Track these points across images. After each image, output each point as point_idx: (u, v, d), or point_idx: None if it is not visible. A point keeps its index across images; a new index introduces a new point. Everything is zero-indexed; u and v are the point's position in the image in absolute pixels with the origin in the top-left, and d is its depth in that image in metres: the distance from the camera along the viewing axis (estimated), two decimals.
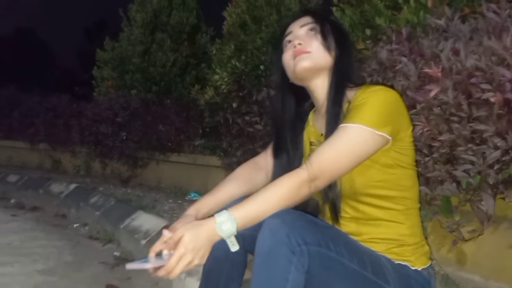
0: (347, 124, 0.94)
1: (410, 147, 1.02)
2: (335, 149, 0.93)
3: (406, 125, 1.01)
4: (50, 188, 3.70)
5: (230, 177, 1.15)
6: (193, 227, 0.86)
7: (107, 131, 3.98)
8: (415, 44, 1.45)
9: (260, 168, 1.17)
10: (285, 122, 1.15)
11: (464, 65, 1.21)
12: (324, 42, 1.06)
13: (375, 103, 0.95)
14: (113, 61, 5.04)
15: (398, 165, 1.00)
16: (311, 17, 1.10)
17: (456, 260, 1.52)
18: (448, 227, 1.42)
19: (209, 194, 1.09)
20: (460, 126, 1.25)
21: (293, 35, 1.09)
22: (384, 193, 1.00)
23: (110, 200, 2.88)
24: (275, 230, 0.84)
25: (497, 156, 1.17)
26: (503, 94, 1.11)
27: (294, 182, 0.90)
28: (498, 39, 1.13)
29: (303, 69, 1.05)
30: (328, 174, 0.92)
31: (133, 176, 4.22)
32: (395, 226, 1.00)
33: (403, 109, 1.01)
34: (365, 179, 0.99)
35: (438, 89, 1.24)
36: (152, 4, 5.21)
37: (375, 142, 0.94)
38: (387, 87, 1.01)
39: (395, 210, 1.01)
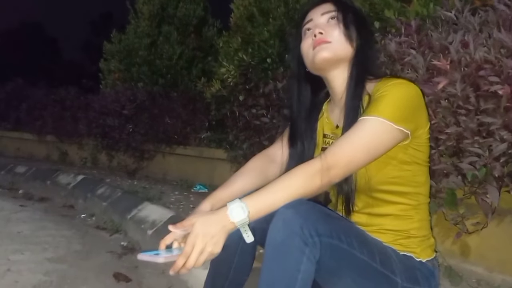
0: (365, 117, 0.93)
1: (426, 144, 1.02)
2: (352, 142, 0.92)
3: (425, 122, 1.00)
4: (58, 179, 3.74)
5: (243, 170, 1.13)
6: (204, 215, 0.88)
7: (113, 124, 4.00)
8: (424, 37, 1.45)
9: (273, 161, 1.16)
10: (300, 112, 1.13)
11: (473, 57, 1.21)
12: (346, 32, 1.02)
13: (396, 97, 0.94)
14: (120, 54, 5.06)
15: (414, 162, 1.00)
16: (333, 4, 1.06)
17: (460, 252, 1.53)
18: (452, 220, 1.43)
19: (222, 187, 1.08)
20: (468, 118, 1.26)
21: (313, 23, 1.06)
22: (399, 189, 1.00)
23: (117, 191, 2.91)
24: (289, 220, 0.84)
25: (503, 149, 1.17)
26: (511, 86, 1.12)
27: (308, 172, 0.89)
28: (508, 32, 1.13)
29: (322, 59, 1.02)
30: (343, 166, 0.91)
31: (139, 168, 4.26)
32: (405, 220, 1.01)
33: (423, 105, 0.99)
34: (381, 175, 0.99)
35: (446, 82, 1.25)
36: None
37: (394, 136, 0.93)
38: (408, 81, 0.99)
39: (408, 205, 1.01)
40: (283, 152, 1.15)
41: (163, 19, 5.17)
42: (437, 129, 1.35)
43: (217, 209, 0.90)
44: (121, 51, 5.08)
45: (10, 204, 3.08)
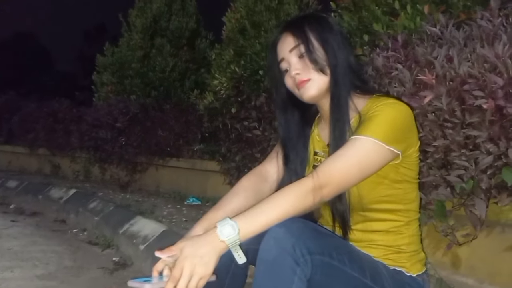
0: (358, 136, 0.94)
1: (416, 162, 1.04)
2: (343, 160, 0.93)
3: (415, 141, 1.02)
4: (50, 193, 3.71)
5: (236, 190, 1.13)
6: (193, 238, 0.87)
7: (106, 136, 4.00)
8: (411, 51, 1.48)
9: (266, 179, 1.16)
10: (290, 132, 1.14)
11: (457, 72, 1.23)
12: (315, 66, 1.03)
13: (388, 118, 0.95)
14: (113, 66, 5.07)
15: (405, 180, 1.02)
16: (292, 36, 1.05)
17: (451, 263, 1.54)
18: (442, 231, 1.44)
19: (214, 209, 1.07)
20: (454, 132, 1.27)
21: (286, 62, 1.06)
22: (390, 207, 1.02)
23: (109, 205, 2.89)
24: (280, 239, 0.84)
25: (489, 161, 1.19)
26: (495, 100, 1.14)
27: (300, 191, 0.90)
28: (491, 47, 1.16)
29: (311, 98, 1.05)
30: (335, 184, 0.92)
31: (132, 181, 4.24)
32: (396, 236, 1.02)
33: (414, 125, 1.01)
34: (373, 194, 1.00)
35: (432, 96, 1.27)
36: (151, 9, 5.25)
37: (385, 156, 0.94)
38: (399, 101, 1.01)
39: (399, 222, 1.03)
40: (278, 170, 1.15)
41: (156, 32, 5.20)
42: (424, 142, 1.36)
43: (206, 232, 0.88)
44: (114, 63, 5.09)
45: (1, 219, 3.06)
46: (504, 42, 1.14)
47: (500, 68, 1.11)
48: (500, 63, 1.11)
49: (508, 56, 1.11)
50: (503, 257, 1.38)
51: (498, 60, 1.12)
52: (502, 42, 1.13)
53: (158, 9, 5.23)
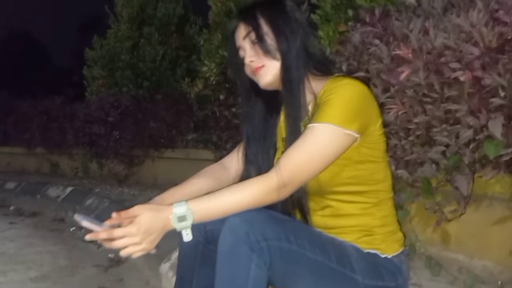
0: (315, 124, 0.92)
1: (380, 140, 1.00)
2: (304, 152, 0.90)
3: (375, 119, 0.98)
4: (48, 192, 3.72)
5: (199, 172, 1.15)
6: (152, 210, 0.86)
7: (100, 132, 3.98)
8: (389, 25, 1.42)
9: (227, 168, 1.16)
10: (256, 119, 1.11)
11: (433, 44, 1.18)
12: (265, 52, 1.00)
13: (342, 100, 0.92)
14: (102, 59, 5.01)
15: (369, 160, 0.98)
16: (244, 23, 1.03)
17: (441, 240, 1.51)
18: (430, 208, 1.42)
19: (177, 186, 1.09)
20: (434, 107, 1.23)
21: (242, 50, 1.05)
22: (355, 189, 0.99)
23: (104, 201, 2.89)
24: (235, 228, 0.84)
25: (469, 135, 1.15)
26: (472, 72, 1.09)
27: (263, 188, 0.88)
28: (467, 14, 1.10)
29: (266, 84, 1.02)
30: (299, 179, 0.91)
31: (130, 174, 4.23)
32: (366, 218, 0.99)
33: (371, 103, 0.98)
34: (333, 177, 0.97)
35: (409, 71, 1.22)
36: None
37: (345, 141, 0.92)
38: (354, 80, 0.97)
39: (367, 203, 0.99)
40: (237, 161, 1.14)
41: (143, 21, 5.10)
42: (405, 119, 1.32)
43: (164, 206, 0.89)
44: (104, 56, 5.03)
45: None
46: (480, 9, 1.08)
47: (476, 38, 1.06)
48: (475, 32, 1.06)
49: (484, 23, 1.05)
50: (492, 231, 1.35)
51: (473, 29, 1.06)
52: (477, 9, 1.07)
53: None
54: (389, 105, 1.34)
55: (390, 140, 1.39)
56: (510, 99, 1.06)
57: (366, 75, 1.42)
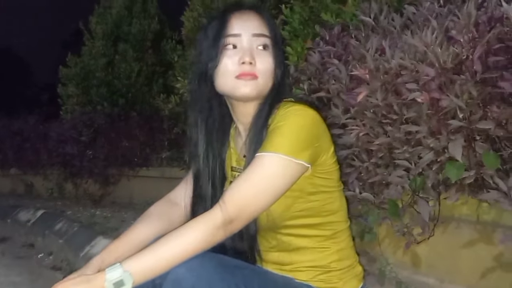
0: (263, 153, 0.85)
1: (333, 168, 0.94)
2: (252, 184, 0.83)
3: (327, 147, 0.92)
4: (18, 216, 3.58)
5: (144, 217, 1.04)
6: (79, 284, 0.77)
7: (73, 151, 3.87)
8: (348, 44, 1.38)
9: (176, 204, 1.07)
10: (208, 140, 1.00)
11: (390, 64, 1.14)
12: (274, 69, 0.93)
13: (292, 128, 0.86)
14: (77, 77, 4.91)
15: (322, 191, 0.93)
16: (265, 24, 0.93)
17: (412, 263, 1.46)
18: (398, 231, 1.37)
19: (118, 238, 0.98)
20: (394, 128, 1.19)
21: (241, 42, 0.91)
22: (307, 221, 0.93)
23: (73, 226, 2.78)
24: (179, 281, 0.76)
25: (430, 157, 1.10)
26: (429, 93, 1.05)
27: (207, 229, 0.80)
28: (421, 35, 1.06)
29: (246, 96, 0.92)
30: (246, 214, 0.83)
31: (106, 194, 4.12)
32: (322, 253, 0.93)
33: (322, 130, 0.92)
34: (285, 210, 0.90)
35: (366, 92, 1.17)
36: (111, 15, 5.09)
37: (295, 171, 0.85)
38: (304, 107, 0.90)
39: (321, 237, 0.93)
40: (186, 193, 1.06)
41: (118, 37, 5.03)
42: (367, 141, 1.28)
43: (94, 274, 0.79)
44: (78, 74, 4.93)
45: None
46: (434, 28, 1.04)
47: (431, 58, 1.02)
48: (430, 53, 1.02)
49: (438, 43, 1.01)
50: (461, 254, 1.30)
51: (427, 49, 1.02)
52: (431, 28, 1.03)
53: (118, 13, 5.06)
54: (350, 126, 1.30)
55: (354, 161, 1.35)
56: (469, 120, 1.02)
57: (327, 95, 1.37)
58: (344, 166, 1.41)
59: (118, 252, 0.93)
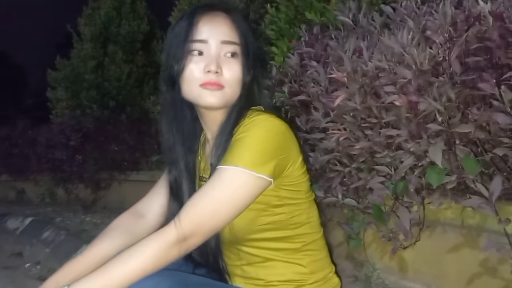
0: (223, 166, 0.81)
1: (301, 180, 0.90)
2: (210, 199, 0.79)
3: (294, 158, 0.88)
4: (6, 224, 3.53)
5: (105, 231, 1.00)
6: None
7: (62, 156, 3.82)
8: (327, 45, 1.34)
9: (142, 215, 1.03)
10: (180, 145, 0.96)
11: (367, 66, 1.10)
12: (242, 78, 0.88)
13: (254, 139, 0.82)
14: (66, 80, 4.86)
15: (288, 203, 0.89)
16: (235, 29, 0.88)
17: (399, 268, 1.42)
18: (384, 236, 1.33)
19: (75, 258, 0.95)
20: (374, 132, 1.15)
21: (208, 49, 0.86)
22: (274, 235, 0.89)
23: (60, 234, 2.73)
24: None
25: (410, 162, 1.06)
26: (407, 96, 1.00)
27: (159, 247, 0.76)
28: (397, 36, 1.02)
29: (210, 105, 0.88)
30: (203, 230, 0.79)
31: (97, 199, 4.07)
32: (293, 266, 0.90)
33: (288, 141, 0.87)
34: (248, 224, 0.87)
35: (344, 95, 1.13)
36: (100, 16, 5.03)
37: (256, 186, 0.81)
38: (270, 117, 0.86)
39: (290, 250, 0.90)
40: (155, 203, 1.02)
41: (107, 39, 4.99)
42: (348, 145, 1.24)
43: None
44: (67, 77, 4.88)
45: None
46: (410, 28, 1.00)
47: (407, 60, 0.98)
48: (406, 54, 0.98)
49: (415, 45, 0.97)
50: (447, 259, 1.27)
51: (404, 50, 0.98)
52: (406, 28, 0.99)
53: (106, 14, 5.01)
54: (331, 130, 1.26)
55: (336, 166, 1.31)
56: (449, 124, 0.98)
57: (307, 98, 1.33)
58: (327, 171, 1.38)
59: (73, 272, 0.89)
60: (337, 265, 1.62)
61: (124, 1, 5.13)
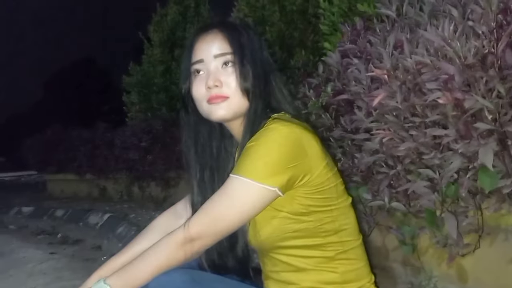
0: (233, 175, 0.84)
1: (327, 185, 0.87)
2: (215, 206, 0.83)
3: (311, 165, 0.85)
4: (88, 220, 3.87)
5: (145, 230, 1.07)
6: None
7: (135, 157, 4.09)
8: (369, 41, 1.27)
9: (180, 216, 1.07)
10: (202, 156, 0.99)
11: (407, 62, 1.02)
12: (243, 86, 0.89)
13: (262, 150, 0.82)
14: (139, 85, 5.18)
15: (314, 211, 0.86)
16: (226, 40, 0.90)
17: (458, 276, 1.31)
18: (438, 242, 1.24)
19: (120, 252, 1.03)
20: (418, 132, 1.07)
21: (204, 66, 0.91)
22: (305, 242, 0.87)
23: (132, 230, 2.93)
24: None
25: (458, 165, 0.97)
26: (451, 93, 0.92)
27: (170, 245, 0.84)
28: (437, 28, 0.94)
29: (220, 118, 0.92)
30: (207, 234, 0.83)
31: (168, 196, 4.30)
32: (325, 275, 0.87)
33: (302, 149, 0.84)
34: (272, 232, 0.86)
35: (385, 93, 1.06)
36: (167, 22, 5.28)
37: (260, 196, 0.82)
38: (283, 125, 0.84)
39: (323, 258, 0.87)
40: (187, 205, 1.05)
41: (174, 44, 5.22)
42: (392, 146, 1.16)
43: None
44: (140, 81, 5.20)
45: (41, 252, 3.21)
46: (452, 19, 0.91)
47: (449, 54, 0.89)
48: (448, 48, 0.89)
49: (458, 36, 0.88)
50: (510, 269, 1.14)
51: (445, 43, 0.90)
52: (448, 20, 0.90)
53: (173, 20, 5.25)
54: (374, 130, 1.19)
55: (383, 168, 1.24)
56: (500, 122, 0.88)
57: (350, 97, 1.28)
58: (374, 173, 1.32)
59: (114, 268, 0.96)
60: (392, 270, 1.55)
61: (189, 6, 5.33)
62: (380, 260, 1.53)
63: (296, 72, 3.27)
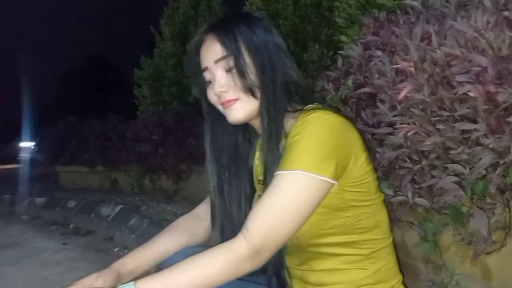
0: (282, 171, 0.78)
1: (366, 180, 0.85)
2: (274, 209, 0.76)
3: (355, 155, 0.82)
4: (100, 211, 3.88)
5: (167, 228, 1.05)
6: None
7: (146, 150, 4.09)
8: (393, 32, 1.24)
9: (201, 218, 1.06)
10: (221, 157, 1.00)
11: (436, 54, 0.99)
12: (245, 86, 0.87)
13: (311, 140, 0.78)
14: (150, 78, 5.19)
15: (352, 206, 0.84)
16: (220, 43, 0.89)
17: (482, 275, 1.28)
18: (463, 240, 1.21)
19: (141, 246, 1.01)
20: (446, 126, 1.04)
21: (210, 74, 0.91)
22: (340, 240, 0.85)
23: (144, 222, 2.94)
24: None
25: (489, 160, 0.94)
26: (483, 86, 0.89)
27: (229, 260, 0.75)
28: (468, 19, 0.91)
29: (237, 120, 0.91)
30: (273, 241, 0.77)
31: (179, 189, 4.31)
32: (357, 274, 0.85)
33: (348, 138, 0.82)
34: (311, 228, 0.83)
35: (411, 86, 1.04)
36: (179, 15, 5.27)
37: (319, 189, 0.78)
38: (324, 113, 0.82)
39: (357, 255, 0.85)
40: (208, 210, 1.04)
41: (186, 37, 5.20)
42: (418, 140, 1.14)
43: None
44: (151, 75, 5.20)
45: (54, 243, 3.25)
46: (485, 9, 0.88)
47: (482, 45, 0.86)
48: (481, 39, 0.86)
49: (491, 27, 0.85)
50: None
51: (477, 34, 0.87)
52: (481, 10, 0.87)
53: (184, 14, 5.23)
54: (398, 124, 1.17)
55: (406, 163, 1.22)
56: None
57: (372, 90, 1.25)
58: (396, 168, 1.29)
59: (136, 259, 0.96)
60: (413, 267, 1.52)
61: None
62: (400, 257, 1.50)
63: (309, 66, 3.25)
